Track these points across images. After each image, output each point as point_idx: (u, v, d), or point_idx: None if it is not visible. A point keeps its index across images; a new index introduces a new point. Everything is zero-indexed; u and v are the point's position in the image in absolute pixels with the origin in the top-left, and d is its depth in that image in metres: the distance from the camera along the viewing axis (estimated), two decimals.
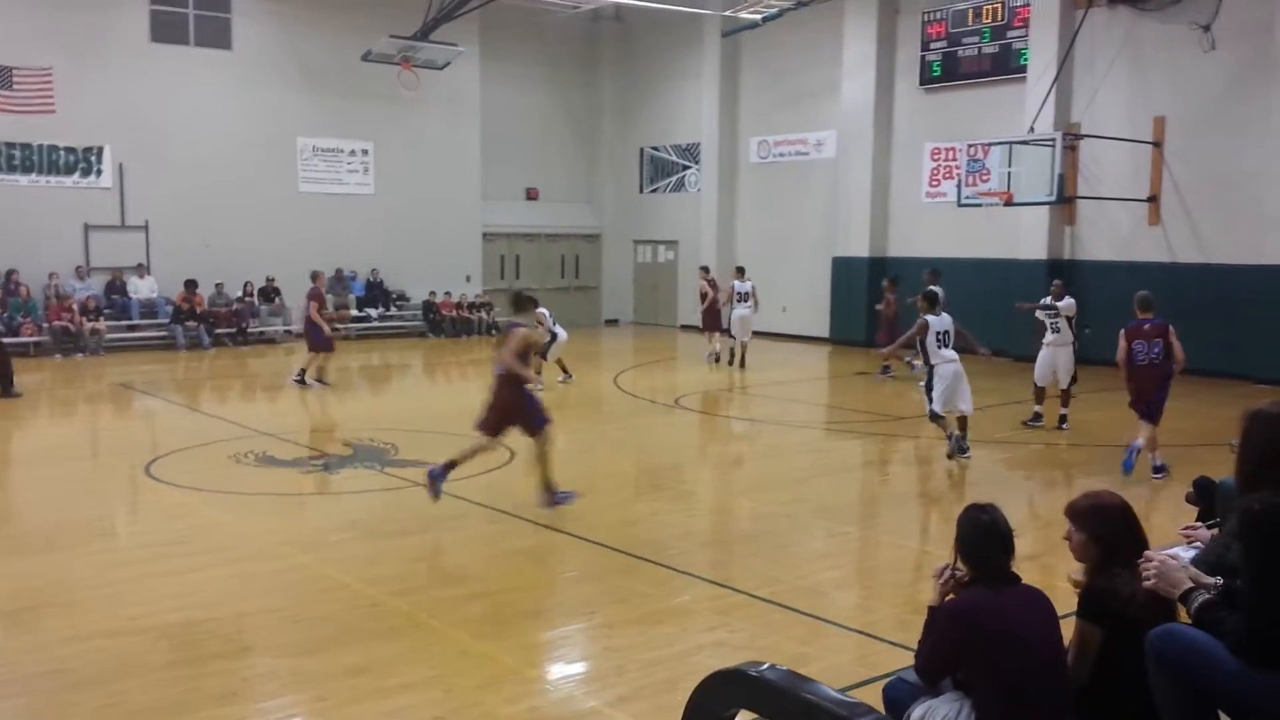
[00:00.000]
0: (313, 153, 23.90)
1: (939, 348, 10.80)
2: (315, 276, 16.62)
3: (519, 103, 26.92)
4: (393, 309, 24.73)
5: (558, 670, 5.64)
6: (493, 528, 8.33)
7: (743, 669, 3.59)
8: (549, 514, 8.49)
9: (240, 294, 22.64)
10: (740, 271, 19.25)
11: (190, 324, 21.65)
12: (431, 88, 23.20)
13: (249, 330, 22.35)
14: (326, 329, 16.25)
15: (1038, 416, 12.90)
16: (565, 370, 16.59)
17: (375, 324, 24.17)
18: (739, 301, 18.32)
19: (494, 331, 25.04)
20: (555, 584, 7.04)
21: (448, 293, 25.12)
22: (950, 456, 10.81)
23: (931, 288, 13.14)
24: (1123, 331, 10.13)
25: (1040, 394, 12.87)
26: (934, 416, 10.87)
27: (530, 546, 7.78)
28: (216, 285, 22.30)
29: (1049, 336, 12.91)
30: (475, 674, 5.39)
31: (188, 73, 22.16)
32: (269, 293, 22.98)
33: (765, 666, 3.59)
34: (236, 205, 22.65)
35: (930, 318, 10.91)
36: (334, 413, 14.74)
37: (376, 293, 24.56)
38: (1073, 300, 13.00)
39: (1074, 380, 12.86)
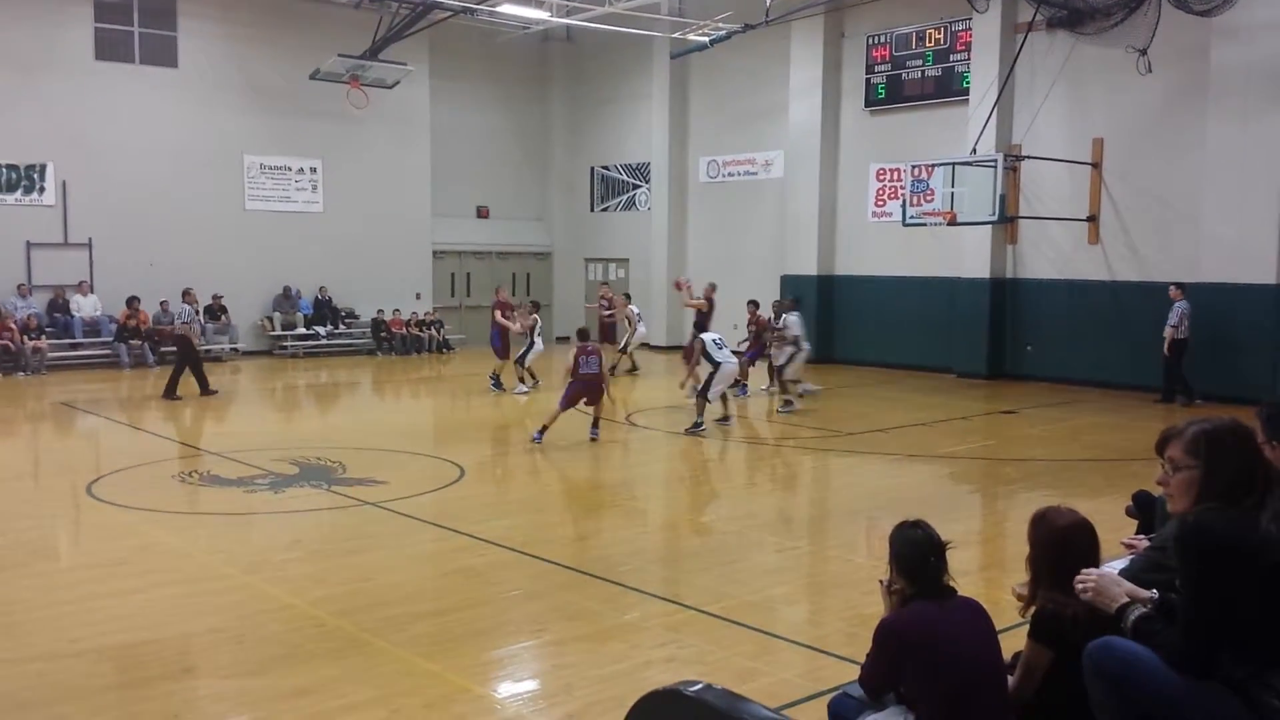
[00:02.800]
0: (260, 170, 23.70)
1: (719, 349, 13.96)
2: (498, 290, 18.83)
3: (469, 121, 26.92)
4: (341, 327, 24.54)
5: (506, 689, 5.61)
6: (441, 546, 8.30)
7: (678, 688, 3.56)
8: (498, 531, 8.47)
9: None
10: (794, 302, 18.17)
11: (134, 342, 21.32)
12: (381, 106, 23.14)
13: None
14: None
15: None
16: (534, 378, 17.81)
17: (323, 342, 23.97)
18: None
19: (444, 350, 24.97)
20: (504, 602, 7.02)
21: (397, 310, 25.00)
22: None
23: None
24: None
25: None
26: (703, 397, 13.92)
27: (479, 564, 7.75)
28: (160, 303, 21.99)
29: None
30: (422, 693, 5.35)
31: (133, 90, 21.92)
32: (215, 310, 22.70)
33: (701, 686, 3.54)
34: (182, 223, 22.39)
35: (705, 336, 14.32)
36: (281, 431, 14.58)
37: (324, 310, 24.35)
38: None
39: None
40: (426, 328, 25.17)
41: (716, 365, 13.90)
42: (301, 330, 23.86)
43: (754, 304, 18.51)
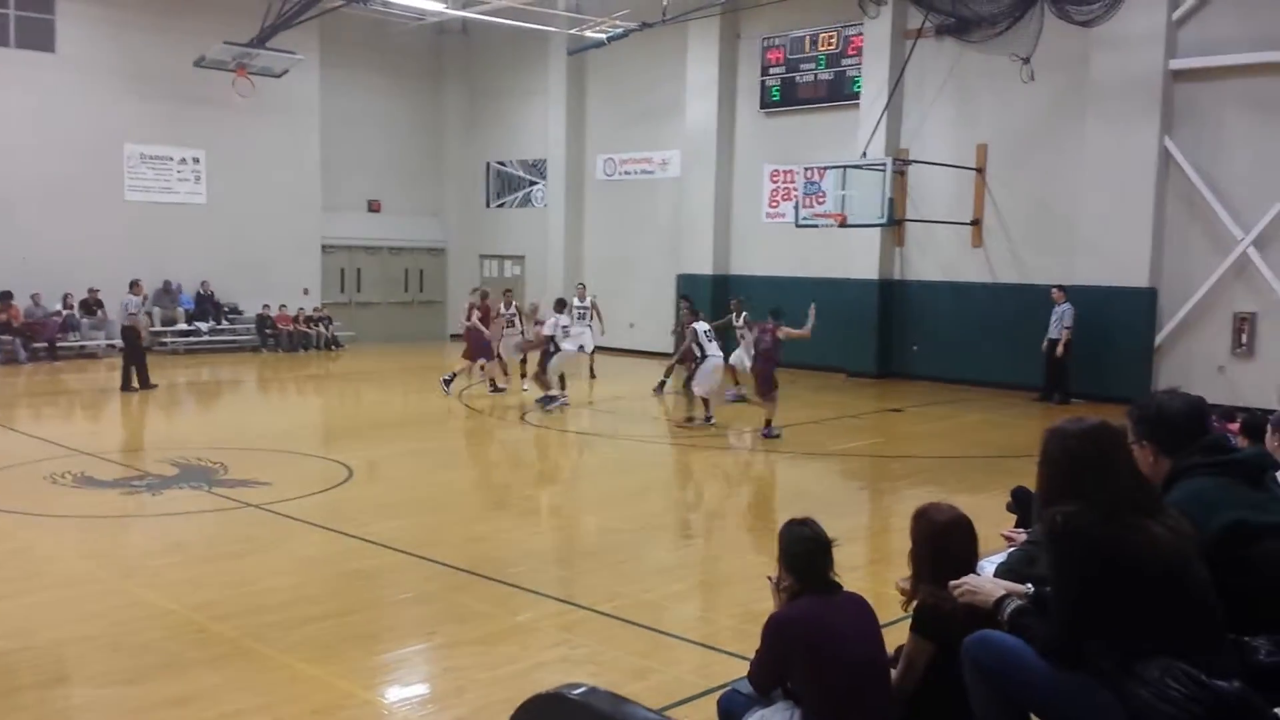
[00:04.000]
0: (140, 160, 22.88)
1: (709, 341, 13.79)
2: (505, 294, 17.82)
3: (361, 113, 26.40)
4: (224, 322, 23.84)
5: (395, 693, 5.51)
6: (327, 549, 8.11)
7: (561, 691, 3.54)
8: (388, 533, 8.32)
9: (60, 306, 21.46)
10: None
11: (5, 338, 20.38)
12: (268, 96, 22.51)
13: (65, 344, 21.17)
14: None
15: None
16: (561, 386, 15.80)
17: (205, 338, 23.26)
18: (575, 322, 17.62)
19: (333, 347, 24.45)
20: (393, 605, 6.89)
21: (283, 306, 24.38)
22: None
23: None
24: None
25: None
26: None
27: (367, 567, 7.60)
28: (33, 296, 21.07)
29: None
30: (307, 700, 5.22)
31: (6, 76, 20.96)
32: (90, 305, 21.83)
33: (584, 689, 3.53)
34: (57, 213, 21.47)
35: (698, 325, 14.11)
36: (160, 431, 14.10)
37: (206, 305, 23.63)
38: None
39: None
40: (314, 324, 24.63)
41: (703, 358, 13.73)
42: (182, 326, 23.12)
43: (686, 299, 17.98)
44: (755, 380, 13.85)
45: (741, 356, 16.45)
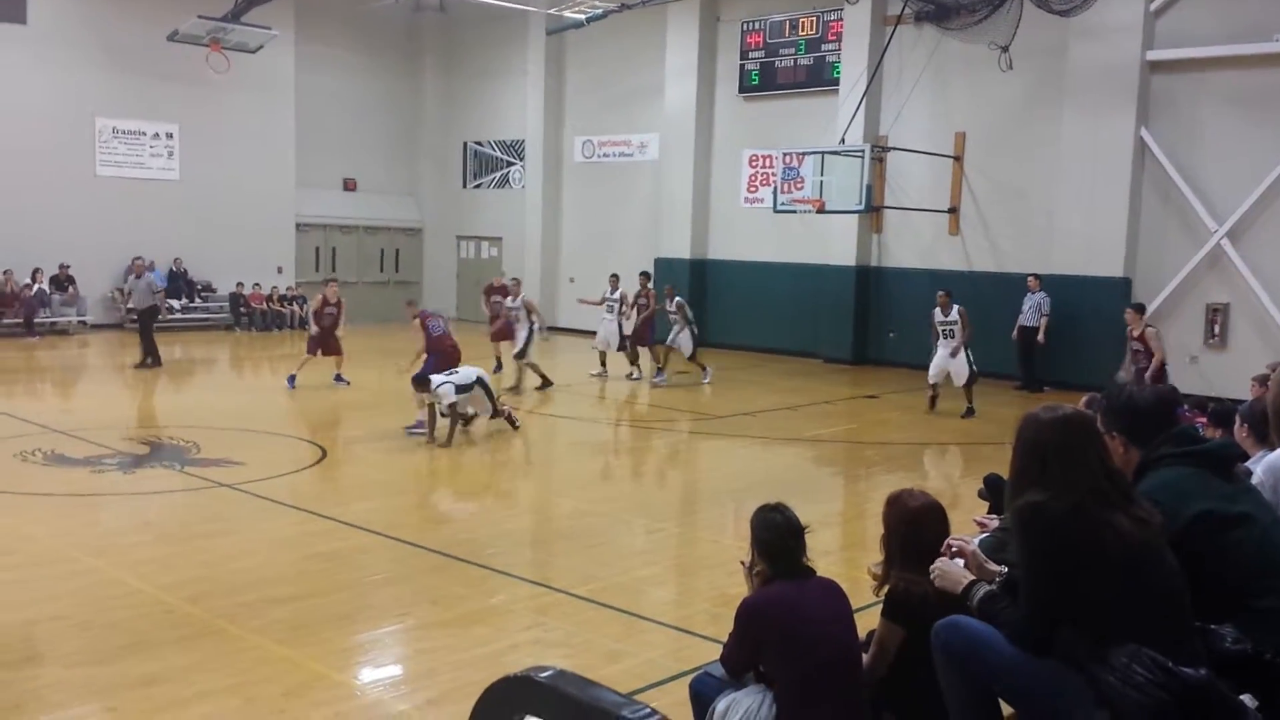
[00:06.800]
0: (112, 134, 22.60)
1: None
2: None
3: (337, 90, 26.15)
4: (197, 300, 23.64)
5: (367, 674, 5.50)
6: (300, 529, 8.07)
7: (528, 674, 3.53)
8: (361, 514, 8.29)
9: (29, 281, 21.22)
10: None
11: None
12: (243, 71, 22.24)
13: (37, 320, 20.95)
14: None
15: (933, 401, 14.47)
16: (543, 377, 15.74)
17: (178, 316, 23.05)
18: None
19: (307, 326, 24.24)
20: (365, 586, 6.87)
21: (257, 284, 24.20)
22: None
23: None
24: None
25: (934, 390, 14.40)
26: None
27: (339, 549, 7.57)
28: (4, 272, 20.81)
29: (941, 342, 14.53)
30: (279, 681, 5.20)
31: None
32: (61, 281, 21.59)
33: (551, 671, 3.52)
34: (27, 188, 21.18)
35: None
36: (132, 409, 13.98)
37: (179, 283, 23.42)
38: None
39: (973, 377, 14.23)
40: (288, 303, 24.46)
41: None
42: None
43: (645, 275, 18.03)
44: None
45: (678, 340, 16.86)
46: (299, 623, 6.01)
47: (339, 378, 15.60)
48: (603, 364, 17.42)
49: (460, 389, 11.12)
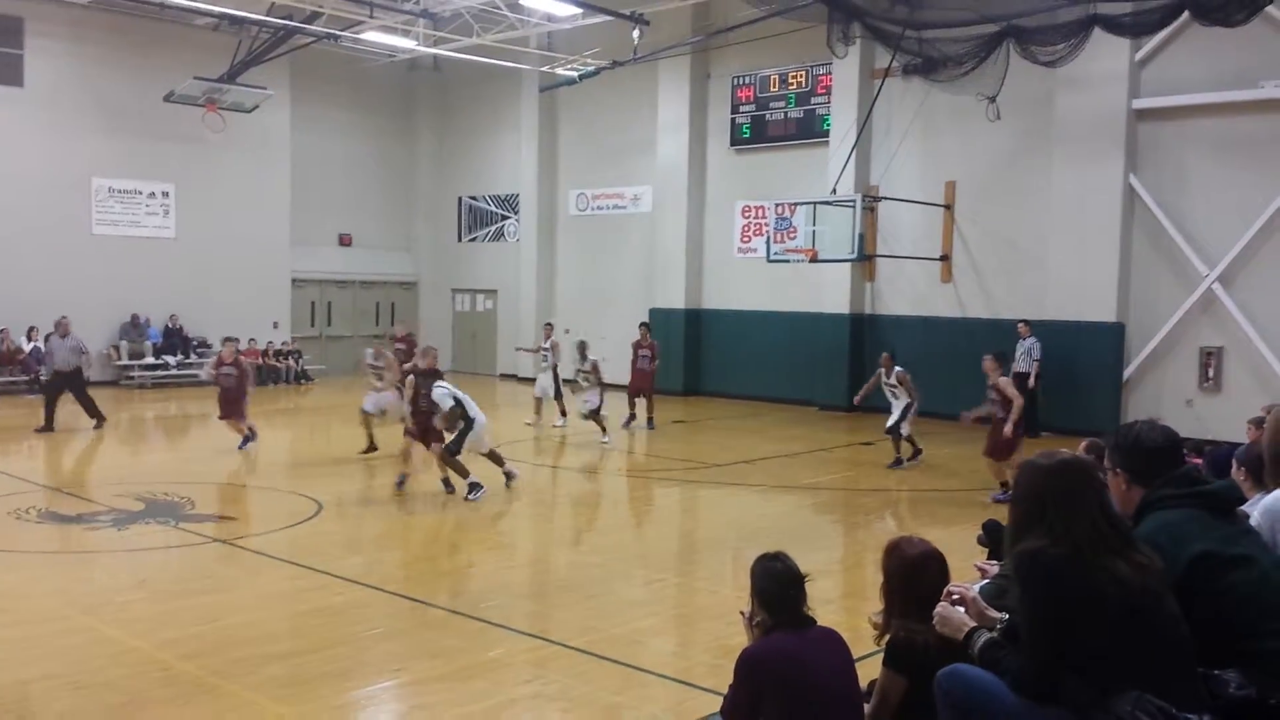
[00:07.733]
0: (109, 194, 22.73)
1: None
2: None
3: (332, 148, 26.38)
4: (192, 356, 23.63)
5: None
6: (295, 584, 8.01)
7: None
8: (357, 569, 8.22)
9: (25, 339, 21.22)
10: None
11: None
12: (239, 130, 22.50)
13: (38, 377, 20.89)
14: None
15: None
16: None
17: (173, 372, 23.04)
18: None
19: (303, 380, 24.26)
20: (361, 641, 6.80)
21: (253, 340, 24.18)
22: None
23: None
24: None
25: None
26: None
27: (335, 604, 7.50)
28: (1, 330, 20.82)
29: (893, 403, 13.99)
30: None
31: None
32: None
33: None
34: (25, 247, 21.27)
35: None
36: (126, 465, 13.91)
37: (175, 339, 23.44)
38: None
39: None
40: (284, 358, 24.46)
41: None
42: (150, 360, 22.91)
43: (645, 325, 18.26)
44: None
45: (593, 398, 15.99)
46: (294, 679, 5.94)
47: (241, 445, 14.48)
48: (537, 412, 17.52)
49: (457, 399, 11.11)
